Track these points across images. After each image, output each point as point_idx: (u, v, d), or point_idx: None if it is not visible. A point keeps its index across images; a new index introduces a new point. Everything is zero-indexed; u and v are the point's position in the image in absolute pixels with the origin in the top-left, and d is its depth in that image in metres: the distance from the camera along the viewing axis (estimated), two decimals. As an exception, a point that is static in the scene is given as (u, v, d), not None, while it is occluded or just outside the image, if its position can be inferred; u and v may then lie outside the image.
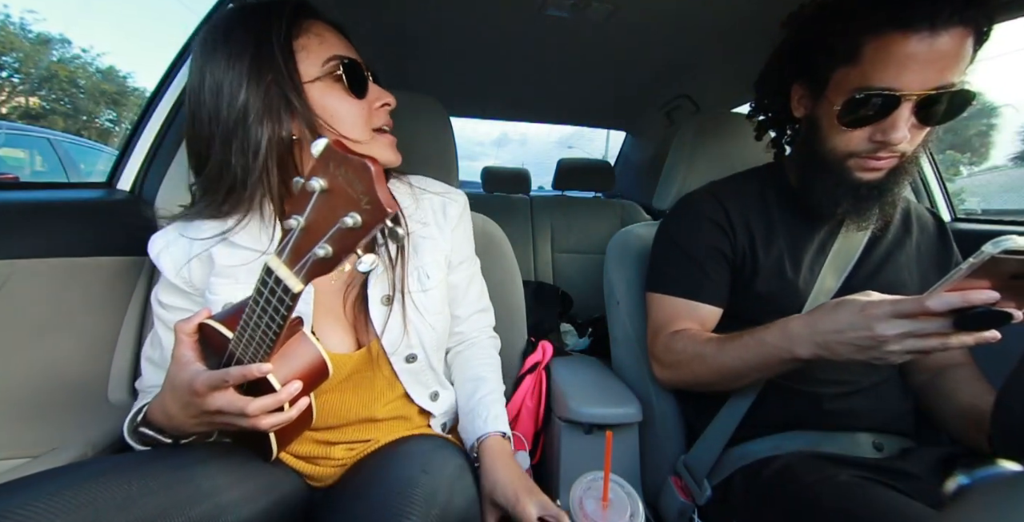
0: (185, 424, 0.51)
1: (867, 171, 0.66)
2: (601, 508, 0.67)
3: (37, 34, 4.60)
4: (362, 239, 0.33)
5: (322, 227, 0.34)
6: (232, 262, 0.61)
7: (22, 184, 0.81)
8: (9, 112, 4.42)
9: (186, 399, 0.48)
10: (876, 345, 0.52)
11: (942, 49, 0.55)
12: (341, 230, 0.33)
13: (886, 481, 0.60)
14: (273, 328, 0.42)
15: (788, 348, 0.60)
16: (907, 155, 0.65)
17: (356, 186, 0.32)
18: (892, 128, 0.60)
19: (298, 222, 0.35)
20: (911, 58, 0.56)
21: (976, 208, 3.11)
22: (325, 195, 0.33)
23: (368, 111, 0.63)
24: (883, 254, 0.78)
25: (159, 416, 0.54)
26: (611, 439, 0.66)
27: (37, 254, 0.71)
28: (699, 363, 0.72)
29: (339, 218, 0.32)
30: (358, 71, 0.62)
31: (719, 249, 0.79)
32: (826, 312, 0.57)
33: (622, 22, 1.09)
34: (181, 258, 0.62)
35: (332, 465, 0.68)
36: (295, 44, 0.58)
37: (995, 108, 6.67)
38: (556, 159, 2.18)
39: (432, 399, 0.73)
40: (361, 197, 0.32)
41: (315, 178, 0.33)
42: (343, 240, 0.34)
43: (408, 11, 1.07)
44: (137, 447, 0.58)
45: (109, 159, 0.93)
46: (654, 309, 0.84)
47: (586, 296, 1.76)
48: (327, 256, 0.34)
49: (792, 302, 0.75)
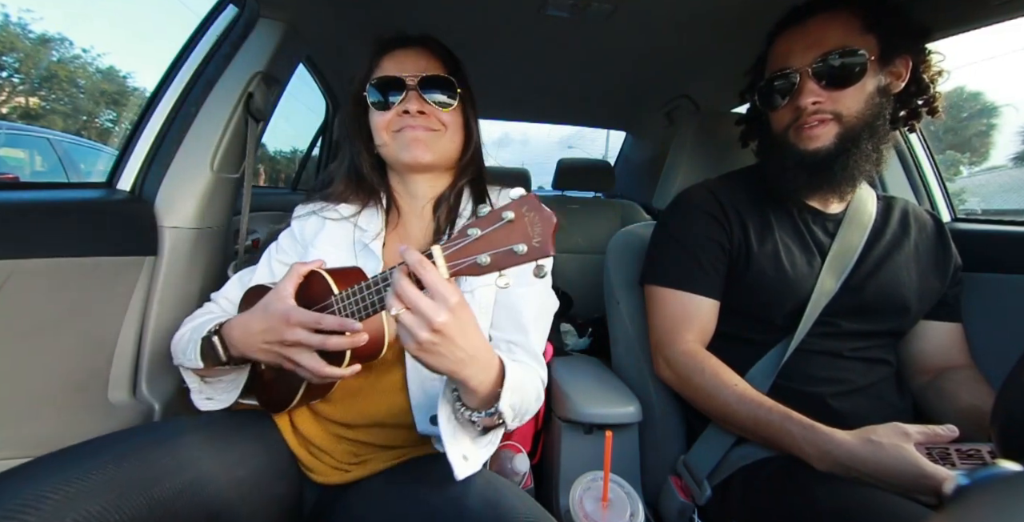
0: (254, 346, 0.58)
1: (808, 140, 0.75)
2: (601, 508, 0.67)
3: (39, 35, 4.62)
4: (516, 264, 0.43)
5: (493, 244, 0.44)
6: (339, 235, 0.75)
7: (22, 184, 0.81)
8: (9, 112, 4.44)
9: (272, 324, 0.55)
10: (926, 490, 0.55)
11: (811, 33, 0.73)
12: (507, 252, 0.43)
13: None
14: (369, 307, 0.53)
15: (810, 455, 0.63)
16: (843, 116, 0.72)
17: (536, 228, 0.42)
18: (799, 94, 0.73)
19: (475, 233, 0.44)
20: (791, 46, 0.75)
21: (976, 208, 3.11)
22: (508, 224, 0.43)
23: (391, 118, 0.72)
24: (881, 254, 0.79)
25: (237, 331, 0.60)
26: (611, 439, 0.66)
27: (37, 254, 0.71)
28: (707, 399, 0.74)
29: (512, 244, 0.43)
30: (386, 86, 0.72)
31: (715, 239, 0.80)
32: (872, 457, 0.58)
33: (622, 22, 1.09)
34: (306, 222, 0.78)
35: (332, 463, 0.68)
36: (368, 76, 0.74)
37: (995, 108, 6.68)
38: (556, 159, 2.18)
39: (432, 423, 0.64)
40: (535, 236, 0.42)
41: (507, 212, 0.43)
42: (503, 259, 0.43)
43: (408, 11, 1.07)
44: (187, 361, 0.64)
45: (109, 159, 0.94)
46: (654, 304, 0.85)
47: (586, 296, 1.76)
48: (484, 264, 0.44)
49: (789, 298, 0.76)
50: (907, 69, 0.73)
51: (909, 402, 0.79)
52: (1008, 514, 0.37)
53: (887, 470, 0.57)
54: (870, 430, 0.60)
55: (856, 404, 0.73)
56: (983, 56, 1.81)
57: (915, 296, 0.77)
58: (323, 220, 0.77)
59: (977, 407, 0.69)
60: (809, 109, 0.73)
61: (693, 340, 0.79)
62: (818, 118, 0.73)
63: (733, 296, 0.81)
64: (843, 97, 0.71)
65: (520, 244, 0.42)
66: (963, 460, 0.57)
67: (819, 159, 0.74)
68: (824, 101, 0.72)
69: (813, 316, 0.75)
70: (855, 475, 0.59)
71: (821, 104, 0.72)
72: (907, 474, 0.55)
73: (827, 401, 0.73)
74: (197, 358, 0.63)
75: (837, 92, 0.71)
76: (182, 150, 0.91)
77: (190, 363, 0.64)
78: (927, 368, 0.81)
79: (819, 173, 0.75)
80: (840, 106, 0.72)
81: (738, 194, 0.84)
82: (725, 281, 0.81)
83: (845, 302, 0.75)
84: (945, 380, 0.78)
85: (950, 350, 0.81)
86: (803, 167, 0.76)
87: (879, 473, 0.57)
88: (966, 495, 0.47)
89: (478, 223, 0.44)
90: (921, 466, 0.55)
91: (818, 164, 0.74)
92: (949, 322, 0.82)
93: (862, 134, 0.72)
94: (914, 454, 0.56)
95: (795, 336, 0.74)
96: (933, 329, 0.82)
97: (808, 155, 0.75)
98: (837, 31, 0.71)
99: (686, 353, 0.77)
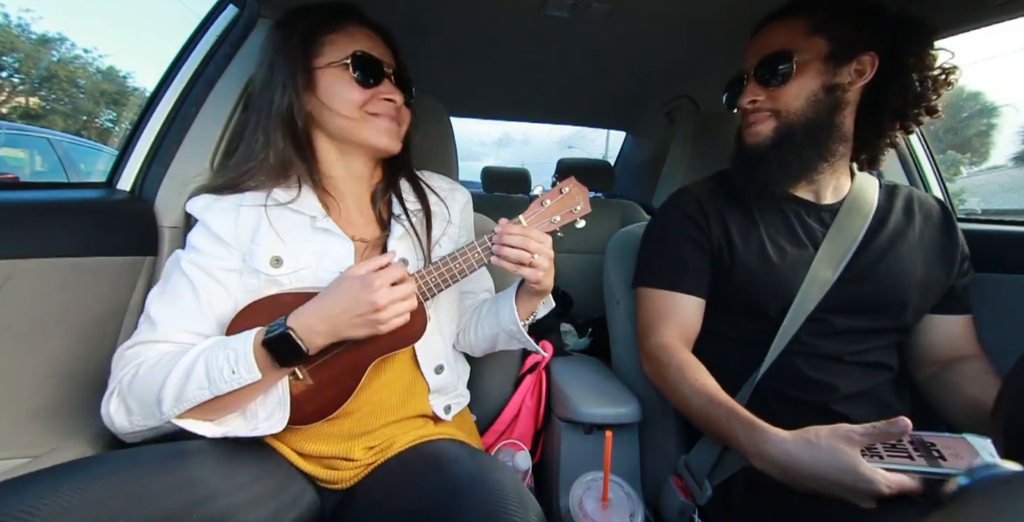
0: (343, 324, 0.60)
1: (749, 136, 0.82)
2: (601, 508, 0.67)
3: (39, 35, 4.60)
4: (572, 220, 0.71)
5: (560, 209, 0.71)
6: (285, 224, 0.70)
7: (22, 184, 0.81)
8: (9, 112, 4.42)
9: (358, 296, 0.59)
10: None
11: (760, 40, 0.80)
12: (567, 212, 0.71)
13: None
14: (472, 264, 0.69)
15: (749, 452, 0.63)
16: (780, 113, 0.77)
17: (578, 197, 0.71)
18: (742, 95, 0.81)
19: (545, 205, 0.70)
20: (747, 52, 0.82)
21: (976, 208, 3.11)
22: (567, 194, 0.70)
23: (367, 98, 0.71)
24: (885, 243, 0.78)
25: (314, 319, 0.60)
26: (611, 439, 0.66)
27: (37, 254, 0.71)
28: (673, 393, 0.75)
29: (570, 206, 0.71)
30: (369, 65, 0.71)
31: (694, 240, 0.82)
32: (809, 458, 0.56)
33: (622, 22, 1.09)
34: (227, 217, 0.69)
35: (351, 467, 0.68)
36: (325, 38, 0.70)
37: (995, 108, 6.67)
38: (556, 159, 2.18)
39: (436, 372, 0.77)
40: (580, 200, 0.71)
41: (566, 187, 0.70)
42: (566, 218, 0.71)
43: (407, 11, 1.07)
44: (223, 385, 0.57)
45: (109, 159, 0.94)
46: (641, 304, 0.86)
47: (586, 296, 1.75)
48: (555, 223, 0.70)
49: (779, 290, 0.76)
50: (872, 66, 0.74)
51: (908, 404, 0.79)
52: (1008, 514, 0.37)
53: (822, 472, 0.55)
54: (812, 430, 0.58)
55: (855, 410, 0.72)
56: (983, 56, 1.82)
57: (918, 288, 0.76)
58: (256, 209, 0.68)
59: (981, 401, 0.68)
60: (749, 108, 0.80)
61: (671, 334, 0.79)
62: (756, 116, 0.80)
63: (723, 294, 0.81)
64: (780, 94, 0.77)
65: (576, 206, 0.70)
66: (889, 452, 0.55)
67: (757, 153, 0.80)
68: (763, 100, 0.78)
69: (805, 309, 0.74)
70: (792, 477, 0.57)
71: (760, 102, 0.79)
72: (844, 477, 0.53)
73: (829, 405, 0.73)
74: (251, 370, 0.57)
75: (775, 90, 0.77)
76: (182, 150, 0.91)
77: (233, 384, 0.57)
78: (934, 359, 0.80)
79: (756, 166, 0.80)
80: (778, 104, 0.77)
81: (720, 193, 0.86)
82: (712, 280, 0.82)
83: (843, 295, 0.74)
84: (951, 372, 0.77)
85: (958, 342, 0.80)
86: (744, 160, 0.82)
87: (816, 475, 0.55)
88: (966, 495, 0.47)
89: (547, 195, 0.70)
90: (858, 469, 0.53)
91: (755, 158, 0.80)
92: (958, 315, 0.81)
93: (797, 129, 0.76)
94: (851, 456, 0.54)
95: (783, 329, 0.74)
96: (942, 323, 0.81)
97: (748, 149, 0.82)
98: (780, 36, 0.77)
99: (660, 345, 0.78)
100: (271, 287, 0.67)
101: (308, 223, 0.70)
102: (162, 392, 0.56)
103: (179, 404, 0.56)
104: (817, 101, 0.75)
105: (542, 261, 0.66)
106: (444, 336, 0.79)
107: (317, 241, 0.70)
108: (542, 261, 0.66)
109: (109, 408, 0.60)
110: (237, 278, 0.67)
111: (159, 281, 0.68)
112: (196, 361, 0.58)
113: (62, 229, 0.75)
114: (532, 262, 0.65)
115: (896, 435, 0.54)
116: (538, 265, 0.66)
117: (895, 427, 0.53)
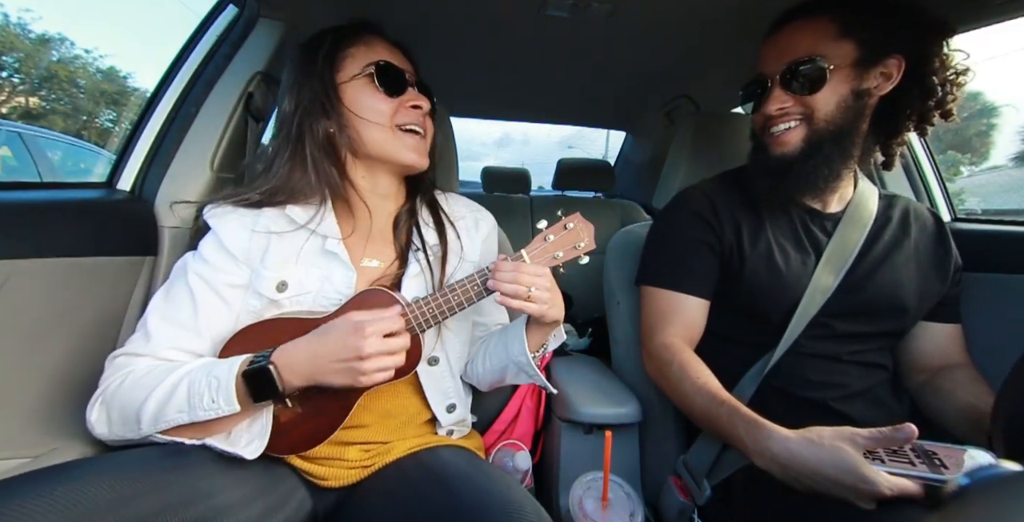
0: (324, 368, 0.58)
1: (776, 145, 0.78)
2: (601, 508, 0.67)
3: (39, 35, 4.61)
4: (576, 256, 0.69)
5: (563, 245, 0.69)
6: (296, 244, 0.69)
7: (22, 184, 0.81)
8: (9, 112, 4.43)
9: (346, 340, 0.57)
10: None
11: (783, 42, 0.76)
12: (571, 248, 0.68)
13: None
14: (471, 297, 0.67)
15: (751, 450, 0.62)
16: (812, 120, 0.74)
17: (583, 233, 0.69)
18: (767, 101, 0.77)
19: (548, 240, 0.68)
20: (767, 52, 0.78)
21: (976, 208, 3.11)
22: (571, 230, 0.68)
23: (396, 108, 0.72)
24: (881, 253, 0.79)
25: (298, 355, 0.59)
26: (611, 439, 0.66)
27: (37, 254, 0.71)
28: (674, 391, 0.75)
29: (574, 242, 0.68)
30: (392, 73, 0.72)
31: (705, 241, 0.81)
32: (811, 457, 0.56)
33: (622, 22, 1.09)
34: (241, 232, 0.68)
35: (345, 466, 0.68)
36: (345, 52, 0.71)
37: (995, 108, 6.67)
38: (557, 159, 2.18)
39: (448, 411, 0.77)
40: (584, 237, 0.69)
41: (571, 223, 0.69)
42: (569, 254, 0.69)
43: (407, 11, 1.07)
44: (202, 412, 0.56)
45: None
46: (645, 303, 0.86)
47: (586, 296, 1.75)
48: (557, 258, 0.68)
49: (783, 297, 0.76)
50: (899, 70, 0.73)
51: (906, 405, 0.79)
52: (1008, 514, 0.37)
53: (823, 471, 0.55)
54: (815, 430, 0.58)
55: (854, 408, 0.73)
56: (983, 56, 1.82)
57: (914, 297, 0.77)
58: (267, 234, 0.68)
59: (975, 406, 0.69)
60: (776, 116, 0.76)
61: (675, 334, 0.79)
62: (785, 122, 0.76)
63: (729, 296, 0.81)
64: (810, 102, 0.73)
65: (580, 242, 0.69)
66: (891, 457, 0.55)
67: (785, 163, 0.77)
68: (791, 105, 0.75)
69: (807, 314, 0.74)
70: (793, 475, 0.57)
71: (788, 108, 0.75)
72: (845, 477, 0.53)
73: (828, 404, 0.73)
74: (231, 402, 0.56)
75: (805, 98, 0.74)
76: (182, 150, 0.91)
77: (212, 413, 0.56)
78: (925, 367, 0.81)
79: (785, 176, 0.77)
80: (809, 110, 0.74)
81: (733, 194, 0.84)
82: (720, 281, 0.81)
83: (843, 301, 0.75)
84: (943, 379, 0.77)
85: (948, 350, 0.81)
86: (770, 170, 0.79)
87: (817, 474, 0.55)
88: (966, 495, 0.47)
89: (551, 231, 0.68)
90: (860, 469, 0.53)
91: (783, 169, 0.77)
92: (948, 323, 0.82)
93: (827, 138, 0.74)
94: (854, 457, 0.54)
95: (787, 334, 0.74)
96: (932, 330, 0.82)
97: (773, 160, 0.78)
98: (807, 38, 0.73)
99: (663, 345, 0.78)
100: (272, 308, 0.67)
101: (319, 244, 0.70)
102: (142, 409, 0.56)
103: (157, 424, 0.57)
104: (847, 108, 0.73)
105: (540, 294, 0.64)
106: (455, 373, 0.78)
107: (323, 265, 0.69)
108: (540, 294, 0.64)
109: (91, 415, 0.61)
110: (241, 294, 0.67)
111: (164, 284, 0.68)
112: (179, 383, 0.57)
113: (62, 229, 0.75)
114: (530, 297, 0.64)
115: (901, 441, 0.54)
116: (536, 299, 0.64)
117: (901, 433, 0.53)
